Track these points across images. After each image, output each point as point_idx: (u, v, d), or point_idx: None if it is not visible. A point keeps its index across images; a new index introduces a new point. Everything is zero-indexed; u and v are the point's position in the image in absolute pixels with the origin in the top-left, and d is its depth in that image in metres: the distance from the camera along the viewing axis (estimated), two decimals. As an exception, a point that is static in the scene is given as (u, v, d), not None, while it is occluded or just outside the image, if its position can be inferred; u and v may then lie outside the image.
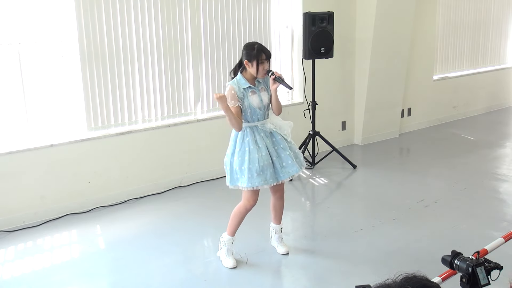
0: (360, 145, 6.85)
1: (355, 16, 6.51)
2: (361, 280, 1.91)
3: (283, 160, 3.65)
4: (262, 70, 3.53)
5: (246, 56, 3.54)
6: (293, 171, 3.66)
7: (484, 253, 2.37)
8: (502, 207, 4.82)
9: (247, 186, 3.56)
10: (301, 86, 6.13)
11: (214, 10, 5.42)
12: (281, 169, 3.64)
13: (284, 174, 3.65)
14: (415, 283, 1.25)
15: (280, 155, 3.65)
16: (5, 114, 4.45)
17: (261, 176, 3.55)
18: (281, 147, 3.66)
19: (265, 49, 3.56)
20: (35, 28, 4.46)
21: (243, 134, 3.59)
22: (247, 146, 3.57)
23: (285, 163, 3.65)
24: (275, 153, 3.64)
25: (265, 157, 3.56)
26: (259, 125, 3.61)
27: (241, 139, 3.59)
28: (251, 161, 3.54)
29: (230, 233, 3.76)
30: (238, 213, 3.71)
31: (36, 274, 3.72)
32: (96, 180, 4.86)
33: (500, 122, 8.13)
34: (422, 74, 7.53)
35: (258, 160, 3.54)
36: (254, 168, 3.54)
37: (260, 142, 3.59)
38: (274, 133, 3.66)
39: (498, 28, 8.76)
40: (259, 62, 3.51)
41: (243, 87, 3.55)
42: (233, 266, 3.70)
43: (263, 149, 3.57)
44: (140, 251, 4.01)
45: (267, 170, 3.56)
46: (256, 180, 3.55)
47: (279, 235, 3.94)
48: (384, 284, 1.28)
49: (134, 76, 5.00)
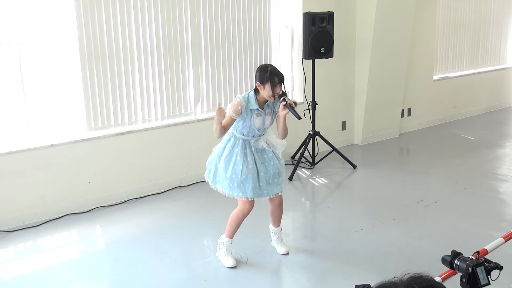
0: (360, 145, 6.85)
1: (355, 16, 6.51)
2: (361, 280, 1.91)
3: (271, 177, 3.64)
4: (273, 93, 3.49)
5: (259, 78, 3.51)
6: (275, 190, 3.66)
7: (484, 253, 2.37)
8: (502, 207, 4.82)
9: (228, 193, 3.61)
10: (301, 86, 6.13)
11: (214, 10, 5.42)
12: (267, 186, 3.63)
13: (269, 191, 3.65)
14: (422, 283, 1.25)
15: (269, 172, 3.63)
16: (5, 114, 4.45)
17: (240, 188, 3.56)
18: (271, 164, 3.64)
19: (278, 72, 3.53)
20: (35, 28, 4.46)
21: (234, 143, 3.60)
22: (234, 156, 3.57)
23: (271, 181, 3.64)
24: (264, 169, 3.62)
25: (251, 170, 3.56)
26: (252, 141, 3.62)
27: (231, 147, 3.60)
28: (234, 171, 3.55)
29: (228, 236, 3.77)
30: (236, 218, 3.71)
31: (36, 274, 3.72)
32: (96, 180, 4.86)
33: (500, 122, 8.13)
34: (422, 74, 7.54)
35: (241, 172, 3.54)
36: (236, 179, 3.55)
37: (249, 156, 3.59)
38: (267, 150, 3.65)
39: (498, 28, 8.76)
40: (272, 85, 3.47)
41: (251, 108, 3.54)
42: (232, 265, 3.70)
43: (251, 162, 3.57)
44: (140, 251, 4.01)
45: (248, 183, 3.55)
46: (236, 190, 3.58)
47: (278, 236, 3.94)
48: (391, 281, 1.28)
49: (134, 76, 5.00)
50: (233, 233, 3.76)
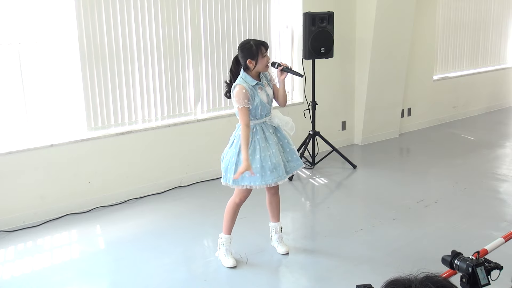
0: (360, 145, 6.85)
1: (355, 16, 6.51)
2: (361, 280, 1.91)
3: (289, 154, 3.69)
4: (265, 63, 3.54)
5: (248, 55, 3.52)
6: (297, 165, 3.73)
7: (484, 253, 2.38)
8: (502, 207, 4.82)
9: (260, 184, 3.55)
10: (301, 86, 6.13)
11: (214, 10, 5.42)
12: (288, 164, 3.68)
13: (291, 168, 3.70)
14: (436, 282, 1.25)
15: (286, 150, 3.69)
16: (5, 114, 4.45)
17: (274, 173, 3.55)
18: (286, 142, 3.70)
19: (262, 42, 3.58)
20: (35, 28, 4.46)
21: (252, 133, 3.55)
22: (258, 144, 3.55)
23: (290, 158, 3.69)
24: (282, 148, 3.67)
25: (276, 153, 3.58)
26: (267, 120, 3.63)
27: (250, 137, 3.55)
28: (263, 159, 3.53)
29: (226, 231, 3.75)
30: (230, 209, 3.71)
31: (36, 274, 3.72)
32: (96, 180, 4.86)
33: (500, 122, 8.13)
34: (422, 74, 7.53)
35: (270, 158, 3.54)
36: (267, 166, 3.53)
37: (270, 139, 3.60)
38: (278, 128, 3.68)
39: (498, 28, 8.76)
40: (261, 56, 3.51)
41: (252, 85, 3.53)
42: (233, 265, 3.69)
43: (273, 145, 3.59)
44: (140, 251, 4.01)
45: (279, 166, 3.58)
46: (270, 178, 3.55)
47: (279, 235, 3.93)
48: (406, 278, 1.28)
49: (134, 76, 5.00)
50: (230, 227, 3.74)
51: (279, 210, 3.91)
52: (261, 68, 3.55)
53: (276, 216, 3.91)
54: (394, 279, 1.29)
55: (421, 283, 1.25)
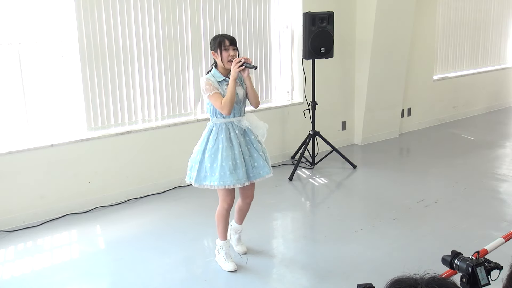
0: (360, 145, 6.85)
1: (355, 16, 6.51)
2: (361, 280, 1.91)
3: (255, 160, 3.55)
4: (227, 57, 3.44)
5: (212, 47, 3.50)
6: (264, 173, 3.57)
7: (484, 253, 2.37)
8: (502, 207, 4.82)
9: (218, 184, 3.46)
10: (301, 86, 6.13)
11: (214, 10, 5.42)
12: (253, 169, 3.55)
13: (255, 174, 3.56)
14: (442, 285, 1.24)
15: (252, 155, 3.56)
16: (5, 114, 4.45)
17: (233, 175, 3.45)
18: (253, 147, 3.56)
19: (227, 35, 3.52)
20: (35, 28, 4.46)
21: (217, 131, 3.50)
22: (221, 143, 3.47)
23: (256, 163, 3.55)
24: (248, 152, 3.54)
25: (238, 155, 3.47)
26: (235, 121, 3.52)
27: (214, 135, 3.50)
28: (224, 159, 3.44)
29: (222, 237, 3.70)
30: (220, 215, 3.64)
31: (36, 274, 3.72)
32: (96, 180, 4.86)
33: (500, 122, 8.13)
34: (422, 74, 7.53)
35: (231, 158, 3.45)
36: (227, 166, 3.44)
37: (234, 140, 3.49)
38: (248, 131, 3.57)
39: (498, 28, 8.77)
40: (223, 49, 3.44)
41: (218, 80, 3.47)
42: (233, 269, 3.65)
43: (236, 147, 3.48)
44: (140, 251, 4.01)
45: (239, 169, 3.47)
46: (229, 179, 3.45)
47: (239, 235, 3.92)
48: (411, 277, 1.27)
49: (134, 76, 5.00)
50: (224, 233, 3.70)
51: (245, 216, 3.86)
52: (224, 61, 3.45)
53: (242, 219, 3.87)
54: (399, 278, 1.28)
55: (427, 284, 1.24)
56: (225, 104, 3.40)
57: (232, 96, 3.41)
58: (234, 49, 3.48)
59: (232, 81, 3.41)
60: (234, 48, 3.48)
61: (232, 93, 3.41)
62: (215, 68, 3.53)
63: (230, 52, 3.46)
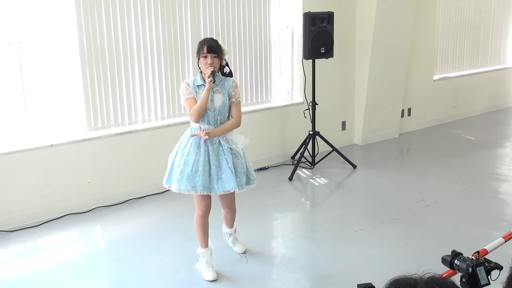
0: (360, 145, 6.85)
1: (355, 16, 6.51)
2: (361, 280, 1.91)
3: (223, 172, 3.44)
4: (204, 64, 3.37)
5: (196, 51, 3.46)
6: (229, 186, 3.42)
7: (484, 253, 2.37)
8: (502, 207, 4.82)
9: (176, 188, 3.42)
10: (301, 86, 6.13)
11: (214, 10, 5.42)
12: (217, 181, 3.43)
13: (219, 186, 3.44)
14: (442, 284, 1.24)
15: (221, 166, 3.44)
16: (5, 114, 4.45)
17: (189, 181, 3.37)
18: (224, 158, 3.45)
19: (209, 41, 3.40)
20: (35, 28, 4.46)
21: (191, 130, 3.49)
22: (189, 147, 3.43)
23: (223, 176, 3.43)
24: (216, 163, 3.43)
25: (201, 163, 3.39)
26: (207, 129, 3.42)
27: (187, 138, 3.48)
28: (185, 163, 3.40)
29: (201, 245, 3.60)
30: (197, 223, 3.56)
31: (36, 274, 3.72)
32: (96, 180, 4.86)
33: (500, 122, 8.13)
34: (422, 74, 7.53)
35: (192, 164, 3.38)
36: (186, 170, 3.38)
37: (202, 147, 3.42)
38: (223, 143, 3.48)
39: (498, 28, 8.76)
40: (201, 56, 3.38)
41: (197, 84, 3.44)
42: (212, 279, 3.53)
43: (203, 154, 3.40)
44: (140, 251, 4.00)
45: (198, 176, 3.38)
46: (184, 183, 3.38)
47: (234, 237, 3.91)
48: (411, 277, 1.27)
49: (134, 76, 5.00)
50: (204, 241, 3.58)
51: (234, 220, 3.86)
52: (202, 69, 3.40)
53: (231, 224, 3.87)
54: (398, 278, 1.28)
55: (426, 284, 1.24)
56: (193, 111, 3.38)
57: (201, 105, 3.36)
58: (214, 56, 3.37)
59: (205, 91, 3.36)
60: (214, 56, 3.37)
61: (202, 102, 3.36)
62: (200, 73, 3.48)
63: (208, 60, 3.36)
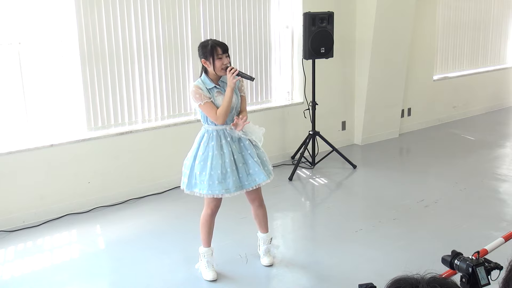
0: (360, 145, 6.85)
1: (355, 16, 6.51)
2: (361, 280, 1.91)
3: (250, 167, 3.43)
4: (220, 65, 3.34)
5: (203, 55, 3.36)
6: (259, 180, 3.44)
7: (484, 253, 2.37)
8: (502, 207, 4.82)
9: (207, 193, 3.39)
10: (301, 86, 6.13)
11: (214, 10, 5.42)
12: (247, 177, 3.43)
13: (250, 182, 3.44)
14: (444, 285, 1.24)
15: (247, 162, 3.44)
16: (5, 114, 4.45)
17: (222, 184, 3.35)
18: (248, 153, 3.44)
19: (219, 43, 3.39)
20: (35, 28, 4.46)
21: (208, 138, 3.41)
22: (211, 151, 3.37)
23: (251, 171, 3.43)
24: (242, 159, 3.43)
25: (228, 164, 3.36)
26: (228, 129, 3.41)
27: (205, 142, 3.41)
28: (213, 167, 3.35)
29: (205, 244, 3.59)
30: (204, 221, 3.54)
31: (36, 274, 3.72)
32: (96, 180, 4.86)
33: (500, 122, 8.13)
34: (422, 74, 7.53)
35: (220, 167, 3.34)
36: (216, 175, 3.34)
37: (225, 147, 3.39)
38: (243, 138, 3.46)
39: (498, 28, 8.76)
40: (216, 58, 3.33)
41: (208, 87, 3.37)
42: (212, 278, 3.53)
43: (227, 155, 3.37)
44: (140, 251, 4.00)
45: (229, 178, 3.36)
46: (217, 188, 3.36)
47: (267, 246, 3.75)
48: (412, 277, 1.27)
49: (134, 76, 5.00)
50: (207, 240, 3.58)
51: (267, 221, 3.73)
52: (218, 70, 3.35)
53: (264, 226, 3.72)
54: (400, 278, 1.28)
55: (428, 284, 1.24)
56: (220, 115, 3.33)
57: (228, 107, 3.34)
58: (227, 56, 3.37)
59: (230, 91, 3.33)
60: (227, 56, 3.38)
61: (228, 103, 3.34)
62: (205, 74, 3.43)
63: (224, 61, 3.35)
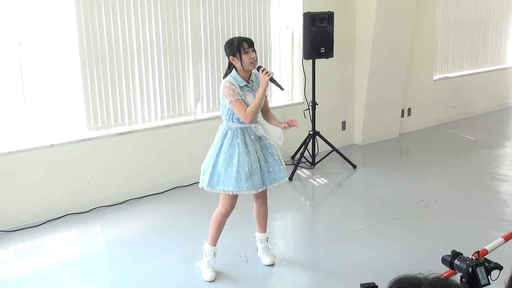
0: (360, 145, 6.85)
1: (355, 16, 6.51)
2: (361, 280, 1.91)
3: (270, 165, 3.50)
4: (248, 59, 3.35)
5: (230, 52, 3.38)
6: (280, 178, 3.52)
7: (484, 253, 2.37)
8: (502, 207, 4.82)
9: (233, 190, 3.38)
10: (301, 86, 6.13)
11: (214, 10, 5.42)
12: (268, 175, 3.49)
13: (271, 180, 3.50)
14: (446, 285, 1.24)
15: (267, 160, 3.50)
16: (5, 114, 4.45)
17: (249, 181, 3.38)
18: (269, 152, 3.50)
19: (244, 38, 3.42)
20: (35, 28, 4.46)
21: (232, 135, 3.41)
22: (237, 148, 3.38)
23: (272, 169, 3.50)
24: (263, 158, 3.48)
25: (254, 161, 3.41)
26: (252, 127, 3.45)
27: (230, 139, 3.41)
28: (240, 165, 3.36)
29: (211, 242, 3.61)
30: (216, 220, 3.56)
31: (36, 274, 3.72)
32: (96, 180, 4.86)
33: (500, 122, 8.13)
34: (422, 74, 7.53)
35: (247, 164, 3.37)
36: (244, 172, 3.36)
37: (249, 145, 3.42)
38: (263, 137, 3.51)
39: (498, 28, 8.76)
40: (243, 52, 3.34)
41: (240, 85, 3.38)
42: (210, 279, 3.53)
43: (252, 152, 3.41)
44: (140, 251, 4.00)
45: (255, 175, 3.40)
46: (244, 185, 3.38)
47: (265, 245, 3.78)
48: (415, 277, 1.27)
49: (134, 76, 5.00)
50: (215, 239, 3.60)
51: (267, 220, 3.76)
52: (246, 64, 3.36)
53: (263, 226, 3.76)
54: (403, 277, 1.28)
55: (431, 284, 1.24)
56: (250, 113, 3.35)
57: (259, 106, 3.38)
58: (253, 50, 3.40)
59: (262, 91, 3.37)
60: (253, 50, 3.40)
61: (259, 102, 3.37)
62: (236, 72, 3.43)
63: (251, 55, 3.37)
